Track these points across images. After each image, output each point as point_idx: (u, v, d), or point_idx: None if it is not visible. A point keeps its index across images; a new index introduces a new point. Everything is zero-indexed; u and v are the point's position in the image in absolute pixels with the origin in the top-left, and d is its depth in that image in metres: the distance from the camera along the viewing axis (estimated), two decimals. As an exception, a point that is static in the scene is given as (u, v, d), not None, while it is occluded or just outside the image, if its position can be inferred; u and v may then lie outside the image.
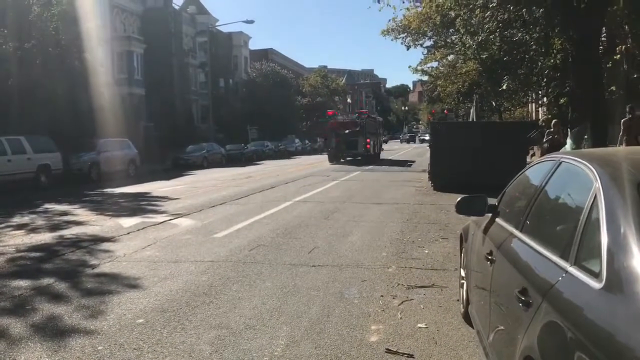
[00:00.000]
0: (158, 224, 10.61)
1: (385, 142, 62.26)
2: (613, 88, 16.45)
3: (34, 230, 10.26)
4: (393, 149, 55.37)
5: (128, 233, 9.64)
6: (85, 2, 26.86)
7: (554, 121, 16.50)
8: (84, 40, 26.48)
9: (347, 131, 32.60)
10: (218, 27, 53.00)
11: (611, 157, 2.93)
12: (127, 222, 10.90)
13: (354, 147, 32.46)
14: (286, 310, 5.26)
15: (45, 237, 9.40)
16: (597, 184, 2.36)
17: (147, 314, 5.18)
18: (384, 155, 39.59)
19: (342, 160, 33.04)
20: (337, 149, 32.81)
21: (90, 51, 27.17)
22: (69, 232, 9.84)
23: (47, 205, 14.34)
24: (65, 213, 12.75)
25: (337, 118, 37.03)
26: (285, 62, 72.57)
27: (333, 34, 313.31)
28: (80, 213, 12.70)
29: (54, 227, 10.49)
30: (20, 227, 10.72)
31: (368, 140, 32.77)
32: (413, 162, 32.55)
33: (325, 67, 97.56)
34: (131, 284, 6.23)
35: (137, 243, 8.70)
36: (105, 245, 8.56)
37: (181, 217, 11.48)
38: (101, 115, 26.49)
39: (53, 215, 12.54)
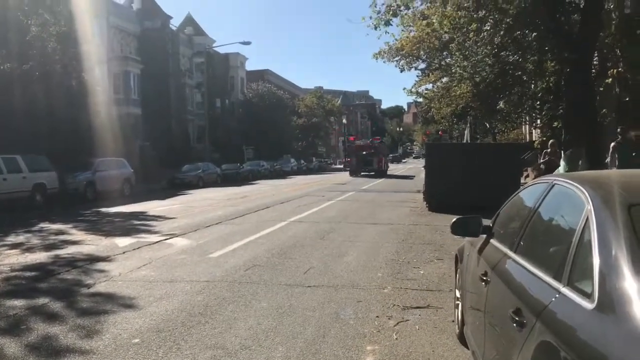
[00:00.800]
0: (153, 243, 10.60)
1: None
2: (605, 111, 16.62)
3: (29, 249, 10.24)
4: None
5: (123, 252, 9.63)
6: (83, 23, 27.09)
7: (551, 141, 15.93)
8: (81, 61, 26.66)
9: (364, 152, 43.13)
10: (215, 48, 53.40)
11: (603, 180, 2.98)
12: (123, 241, 10.88)
13: (369, 165, 42.55)
14: (282, 331, 5.26)
15: (41, 257, 9.38)
16: (589, 206, 2.41)
17: (142, 334, 5.17)
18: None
19: (360, 174, 41.84)
20: (357, 166, 42.66)
21: (87, 71, 27.34)
22: (64, 252, 9.82)
23: (42, 225, 14.31)
24: (60, 232, 12.73)
25: (356, 142, 48.75)
26: (281, 82, 73.01)
27: (329, 56, 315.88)
28: (76, 232, 12.68)
29: (49, 247, 10.46)
30: (15, 246, 10.69)
31: (380, 159, 43.39)
32: (413, 176, 38.17)
33: (321, 88, 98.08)
34: (127, 304, 6.22)
35: (133, 263, 8.69)
36: (101, 265, 8.55)
37: (177, 236, 11.48)
38: (98, 135, 26.54)
39: (48, 234, 12.51)
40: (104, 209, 18.55)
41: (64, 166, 22.32)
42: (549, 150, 15.16)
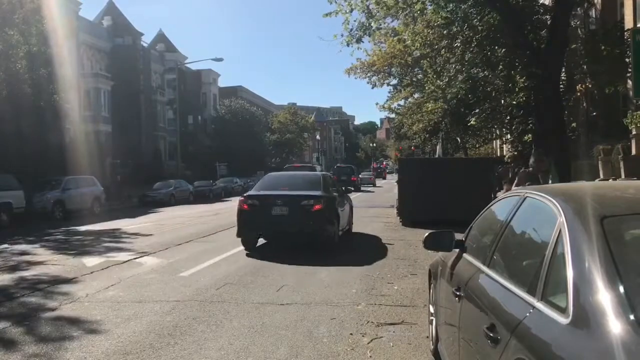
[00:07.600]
0: (123, 262, 10.35)
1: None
2: (574, 125, 16.93)
3: (-8, 270, 9.88)
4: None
5: (91, 272, 9.36)
6: (53, 41, 26.64)
7: (537, 151, 9.64)
8: (50, 79, 26.19)
9: (379, 170, 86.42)
10: (187, 65, 53.18)
11: (575, 192, 2.96)
12: (91, 261, 10.60)
13: (380, 175, 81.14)
14: (253, 351, 5.13)
15: (4, 279, 9.06)
16: (562, 219, 2.38)
17: (109, 357, 4.99)
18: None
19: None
20: (376, 176, 69.13)
21: (57, 89, 26.86)
22: (29, 273, 9.50)
23: (6, 245, 13.85)
24: (25, 252, 12.35)
25: (374, 165, 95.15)
26: (254, 99, 72.98)
27: (302, 72, 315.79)
28: (42, 252, 12.32)
29: (12, 268, 10.11)
30: (-23, 267, 10.31)
31: (385, 173, 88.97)
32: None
33: (294, 104, 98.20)
34: (93, 326, 6.01)
35: (101, 283, 8.45)
36: (67, 286, 8.28)
37: (147, 255, 11.24)
38: (67, 153, 26.10)
39: (12, 255, 12.11)
40: (72, 228, 18.12)
41: (32, 185, 21.80)
42: (529, 169, 9.02)
